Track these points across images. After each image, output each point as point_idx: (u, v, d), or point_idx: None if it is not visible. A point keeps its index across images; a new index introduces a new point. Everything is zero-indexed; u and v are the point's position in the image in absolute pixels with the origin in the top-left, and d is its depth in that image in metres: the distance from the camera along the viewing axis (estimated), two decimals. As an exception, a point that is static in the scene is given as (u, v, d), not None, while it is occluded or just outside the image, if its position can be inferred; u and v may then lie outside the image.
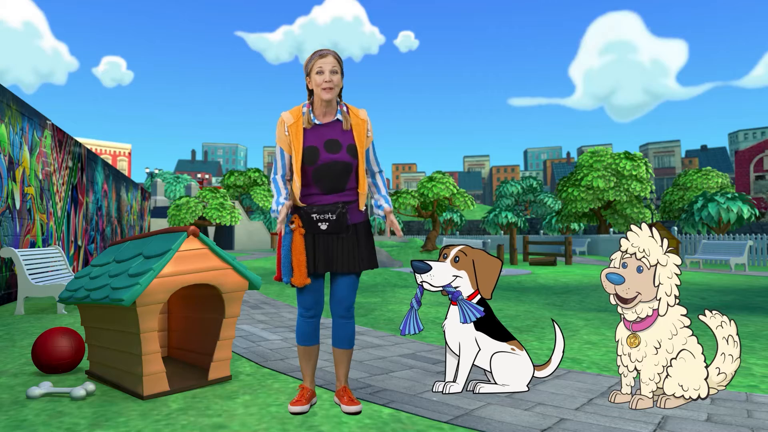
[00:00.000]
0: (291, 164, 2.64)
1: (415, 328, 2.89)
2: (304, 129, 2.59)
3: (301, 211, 2.60)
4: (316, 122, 2.60)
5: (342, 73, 2.58)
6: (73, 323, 5.44)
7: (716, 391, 2.69)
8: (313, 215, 2.57)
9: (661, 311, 2.58)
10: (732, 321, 2.70)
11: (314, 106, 2.61)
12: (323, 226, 2.57)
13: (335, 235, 2.60)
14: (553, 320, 3.23)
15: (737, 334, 2.68)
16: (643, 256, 2.60)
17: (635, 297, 2.61)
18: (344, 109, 2.64)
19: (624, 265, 2.64)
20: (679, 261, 2.59)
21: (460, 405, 2.75)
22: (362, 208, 2.67)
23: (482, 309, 2.87)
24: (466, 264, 2.93)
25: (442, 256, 2.99)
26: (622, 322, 2.73)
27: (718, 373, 2.69)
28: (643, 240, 2.61)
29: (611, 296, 2.69)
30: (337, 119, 2.62)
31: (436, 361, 3.75)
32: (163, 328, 3.81)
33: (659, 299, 2.59)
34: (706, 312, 2.73)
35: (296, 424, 2.49)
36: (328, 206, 2.57)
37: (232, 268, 3.17)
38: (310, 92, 2.62)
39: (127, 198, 16.62)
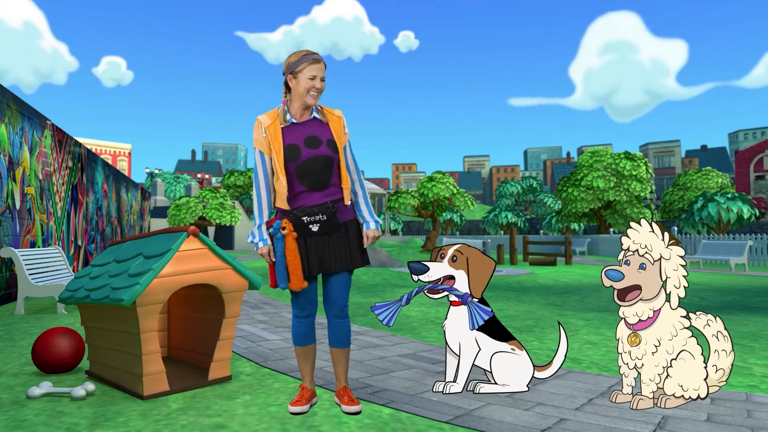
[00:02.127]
0: (272, 167, 2.63)
1: (388, 319, 2.78)
2: (282, 128, 2.60)
3: (290, 215, 2.59)
4: (293, 121, 2.61)
5: None
6: (73, 323, 5.44)
7: (717, 388, 2.69)
8: (304, 218, 2.56)
9: (673, 304, 2.57)
10: (717, 317, 2.71)
11: (291, 105, 2.62)
12: (314, 228, 2.57)
13: (327, 235, 2.60)
14: (559, 323, 3.23)
15: (725, 328, 2.69)
16: (646, 252, 2.59)
17: (637, 292, 2.59)
18: (318, 107, 2.66)
19: (627, 263, 2.63)
20: (682, 252, 2.57)
21: (460, 405, 2.75)
22: (347, 203, 2.66)
23: (489, 310, 2.85)
24: (463, 263, 2.93)
25: (438, 256, 2.98)
26: (623, 321, 2.73)
27: (716, 370, 2.69)
28: (643, 236, 2.61)
29: (615, 293, 2.67)
30: (314, 117, 2.64)
31: (436, 361, 3.75)
32: (163, 328, 3.81)
33: (669, 293, 2.57)
34: (691, 315, 2.72)
35: (296, 424, 2.49)
36: (317, 207, 2.57)
37: (232, 268, 3.17)
38: (287, 88, 2.61)
39: (127, 198, 16.62)
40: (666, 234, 2.60)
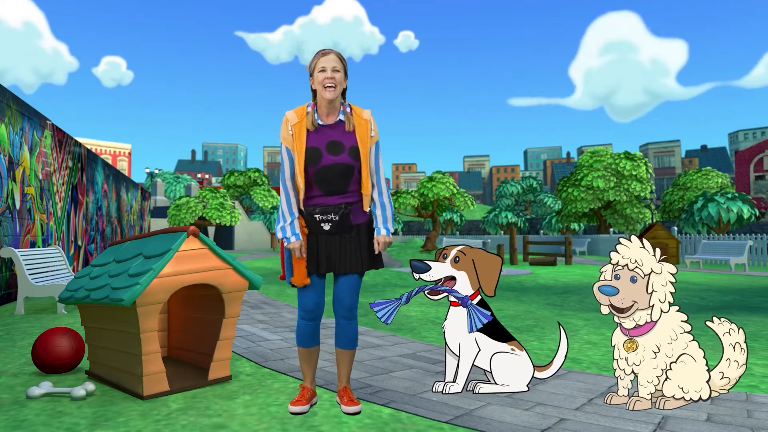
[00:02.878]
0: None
1: (387, 317, 2.78)
2: (307, 130, 2.59)
3: (304, 212, 2.61)
4: (320, 123, 2.60)
5: (345, 73, 2.58)
6: (73, 323, 5.44)
7: (718, 394, 2.69)
8: (317, 216, 2.57)
9: (654, 317, 2.58)
10: (741, 329, 2.68)
11: (318, 106, 2.61)
12: (326, 227, 2.58)
13: (338, 235, 2.60)
14: (559, 324, 3.22)
15: (745, 341, 2.67)
16: (636, 267, 2.59)
17: (631, 306, 2.60)
18: (347, 109, 2.63)
19: (617, 277, 2.63)
20: (674, 270, 2.58)
21: (460, 405, 2.75)
22: (366, 209, 2.65)
23: (489, 314, 2.85)
24: (467, 264, 2.93)
25: (441, 257, 2.98)
26: (618, 328, 2.72)
27: (722, 377, 2.67)
28: (634, 251, 2.61)
29: (603, 307, 2.67)
30: (340, 120, 2.61)
31: (436, 361, 3.75)
32: (163, 328, 3.81)
33: (652, 306, 2.58)
34: (714, 319, 2.72)
35: (296, 424, 2.49)
36: (332, 207, 2.57)
37: (232, 268, 3.17)
38: (314, 92, 2.62)
39: (127, 198, 16.62)
40: (657, 250, 2.60)
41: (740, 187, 55.10)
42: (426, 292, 2.91)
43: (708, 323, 2.73)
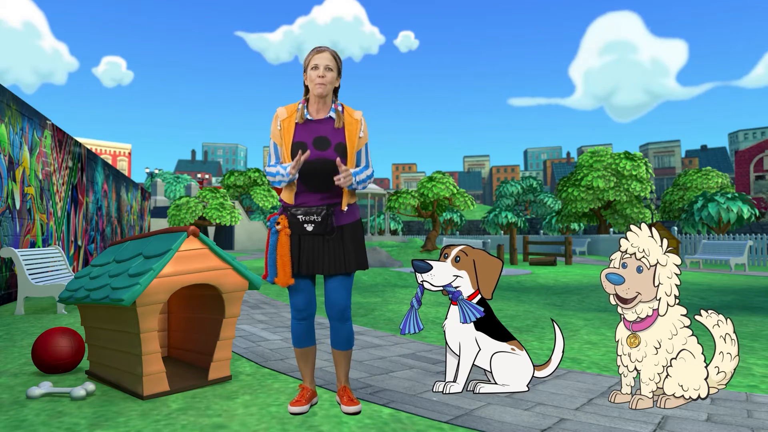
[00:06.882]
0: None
1: (415, 327, 2.90)
2: (296, 124, 2.60)
3: (287, 212, 2.61)
4: (309, 117, 2.61)
5: (339, 72, 2.59)
6: (73, 323, 5.44)
7: (716, 390, 2.69)
8: (299, 216, 2.57)
9: (661, 311, 2.59)
10: (728, 319, 2.71)
11: (309, 102, 2.63)
12: (309, 228, 2.57)
13: (321, 236, 2.60)
14: (552, 320, 3.23)
15: (734, 331, 2.69)
16: (643, 256, 2.60)
17: (635, 297, 2.61)
18: (339, 108, 2.64)
19: (624, 265, 2.64)
20: (678, 261, 2.60)
21: (460, 405, 2.75)
22: (344, 208, 2.62)
23: (482, 309, 2.87)
24: (467, 264, 2.93)
25: (443, 256, 2.99)
26: (622, 322, 2.73)
27: (718, 372, 2.69)
28: (642, 240, 2.62)
29: (611, 296, 2.69)
30: (330, 117, 2.62)
31: (436, 361, 3.75)
32: (163, 328, 3.81)
33: (659, 299, 2.59)
34: (702, 312, 2.74)
35: (296, 424, 2.49)
36: (314, 208, 2.57)
37: (232, 268, 3.17)
38: (307, 88, 2.64)
39: (127, 198, 16.62)
40: (665, 240, 2.61)
41: (740, 187, 55.11)
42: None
43: (696, 317, 2.74)
